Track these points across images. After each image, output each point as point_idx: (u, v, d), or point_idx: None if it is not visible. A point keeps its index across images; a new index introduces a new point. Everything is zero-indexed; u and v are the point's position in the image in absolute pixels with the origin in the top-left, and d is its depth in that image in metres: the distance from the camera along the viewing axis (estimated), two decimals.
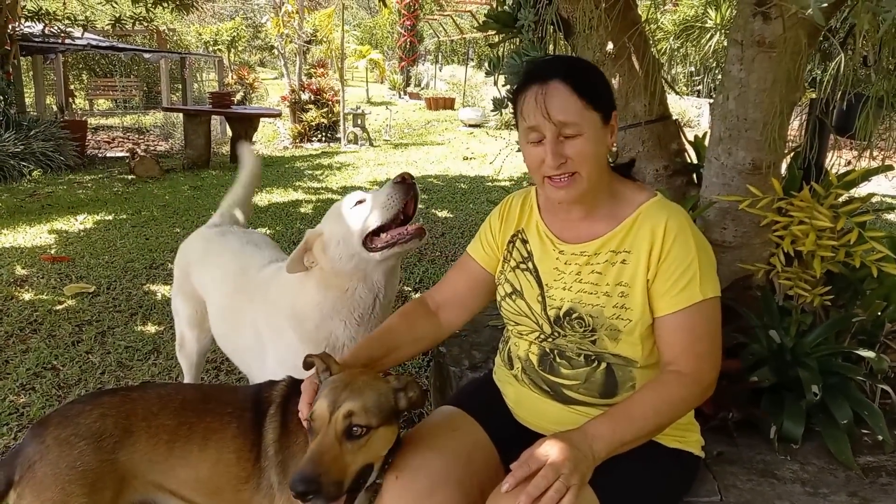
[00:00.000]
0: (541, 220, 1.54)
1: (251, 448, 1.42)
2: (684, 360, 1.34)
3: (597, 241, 1.43)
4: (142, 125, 14.40)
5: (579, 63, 1.44)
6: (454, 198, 7.02)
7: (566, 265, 1.46)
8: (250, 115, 9.86)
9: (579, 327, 1.42)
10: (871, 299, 2.12)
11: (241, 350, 2.10)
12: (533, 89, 1.35)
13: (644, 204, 1.42)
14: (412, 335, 1.59)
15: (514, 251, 1.56)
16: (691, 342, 1.35)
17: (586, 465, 1.20)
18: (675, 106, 2.61)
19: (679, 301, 1.35)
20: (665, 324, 1.37)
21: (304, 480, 1.13)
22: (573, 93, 1.32)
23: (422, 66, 24.16)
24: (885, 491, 1.68)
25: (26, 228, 5.51)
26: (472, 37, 19.71)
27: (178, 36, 20.32)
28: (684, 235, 1.36)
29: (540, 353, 1.49)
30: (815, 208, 1.95)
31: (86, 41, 11.57)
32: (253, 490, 1.41)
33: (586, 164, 1.34)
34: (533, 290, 1.50)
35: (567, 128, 1.32)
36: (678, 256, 1.35)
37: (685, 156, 2.64)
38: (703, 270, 1.35)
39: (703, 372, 1.35)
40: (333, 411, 1.22)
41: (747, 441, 1.89)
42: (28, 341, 3.33)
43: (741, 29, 2.01)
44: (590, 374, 1.44)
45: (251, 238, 2.30)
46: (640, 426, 1.29)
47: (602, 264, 1.41)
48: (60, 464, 1.29)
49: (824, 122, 2.25)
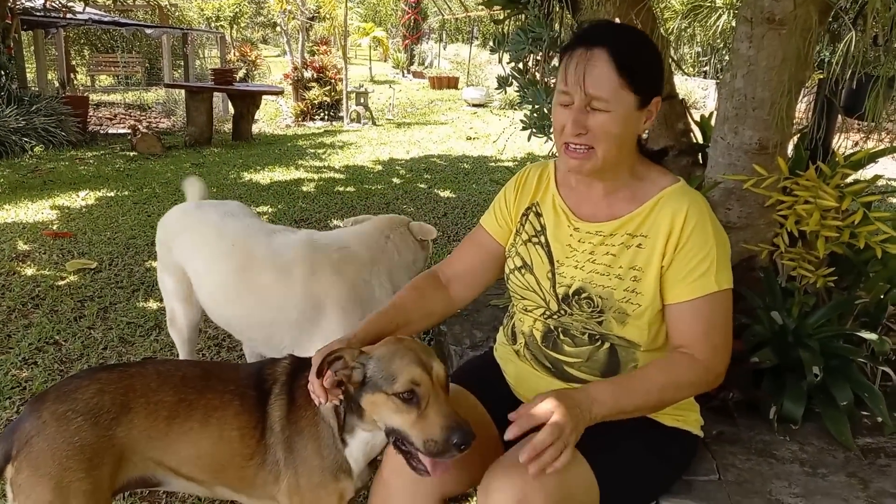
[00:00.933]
0: (557, 194, 1.51)
1: (255, 425, 1.42)
2: (699, 347, 1.33)
3: (614, 221, 1.41)
4: (143, 102, 14.30)
5: (633, 37, 1.36)
6: (457, 178, 6.99)
7: (580, 243, 1.44)
8: (252, 93, 9.78)
9: (587, 307, 1.41)
10: (874, 282, 2.11)
11: (270, 323, 2.08)
12: (577, 53, 1.30)
13: (666, 189, 1.39)
14: (423, 310, 1.57)
15: (528, 224, 1.54)
16: (706, 331, 1.34)
17: (583, 425, 1.21)
18: (681, 87, 2.58)
19: (695, 290, 1.33)
20: (678, 311, 1.36)
21: (467, 431, 1.21)
22: (613, 68, 1.27)
23: (426, 45, 23.94)
24: (884, 472, 1.69)
25: (28, 204, 5.50)
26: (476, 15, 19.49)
27: (179, 12, 20.14)
28: (703, 224, 1.34)
29: (544, 329, 1.48)
30: (820, 188, 1.93)
31: (87, 16, 11.48)
32: (258, 467, 1.41)
33: (604, 141, 1.30)
34: (543, 265, 1.48)
35: (597, 101, 1.28)
36: (696, 245, 1.33)
37: (691, 136, 2.61)
38: (719, 261, 1.34)
39: (717, 362, 1.34)
40: (430, 372, 1.27)
41: (747, 421, 1.89)
42: (30, 316, 3.34)
43: (751, 5, 1.97)
44: (593, 352, 1.43)
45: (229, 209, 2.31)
46: (642, 400, 1.29)
47: (617, 246, 1.39)
48: (58, 439, 1.29)
49: (833, 102, 2.22)
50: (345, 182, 6.75)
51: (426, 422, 1.23)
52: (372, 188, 6.44)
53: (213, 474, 1.43)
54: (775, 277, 2.14)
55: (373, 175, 7.18)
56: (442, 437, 1.21)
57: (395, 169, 7.54)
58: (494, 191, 6.10)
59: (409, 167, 7.63)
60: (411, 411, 1.24)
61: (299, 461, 1.40)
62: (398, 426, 1.27)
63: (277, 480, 1.41)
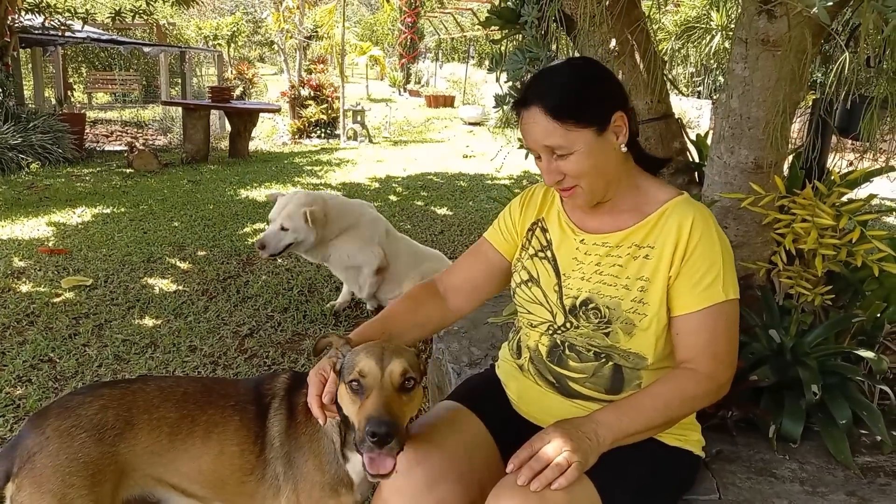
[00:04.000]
0: (562, 210, 1.53)
1: (255, 440, 1.42)
2: (701, 359, 1.33)
3: (620, 233, 1.42)
4: (140, 119, 14.35)
5: (560, 79, 1.36)
6: (454, 195, 7.01)
7: (586, 255, 1.45)
8: (249, 110, 9.82)
9: (594, 318, 1.40)
10: (870, 300, 2.12)
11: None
12: (522, 115, 1.37)
13: (671, 201, 1.41)
14: (415, 319, 1.57)
15: (534, 239, 1.55)
16: (710, 342, 1.34)
17: (589, 447, 1.21)
18: (675, 106, 2.61)
19: (702, 300, 1.34)
20: (685, 322, 1.36)
21: (383, 423, 1.18)
22: (552, 119, 1.31)
23: (422, 64, 24.13)
24: (884, 491, 1.68)
25: (24, 220, 5.49)
26: (472, 34, 19.69)
27: (177, 30, 20.26)
28: (710, 235, 1.36)
29: (550, 344, 1.48)
30: (817, 206, 1.94)
31: (85, 34, 11.51)
32: (257, 481, 1.41)
33: (584, 177, 1.35)
34: (550, 278, 1.49)
35: (557, 149, 1.33)
36: (703, 255, 1.34)
37: (687, 154, 2.63)
38: (726, 271, 1.35)
39: (720, 372, 1.34)
40: (383, 367, 1.27)
41: (746, 440, 1.89)
42: (25, 333, 3.32)
43: (746, 27, 2.00)
44: (597, 368, 1.43)
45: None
46: (648, 417, 1.28)
47: (624, 257, 1.40)
48: (61, 455, 1.28)
49: (827, 121, 2.25)
50: None
51: (362, 412, 1.23)
52: None
53: (213, 490, 1.42)
54: (772, 295, 2.15)
55: (370, 192, 7.20)
56: (362, 425, 1.20)
57: (392, 186, 7.57)
58: (491, 208, 6.13)
59: (406, 185, 7.66)
60: (356, 401, 1.26)
61: (299, 476, 1.40)
62: (347, 414, 1.28)
63: (277, 495, 1.41)
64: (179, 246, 4.87)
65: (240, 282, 4.12)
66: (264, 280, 4.15)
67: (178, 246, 4.87)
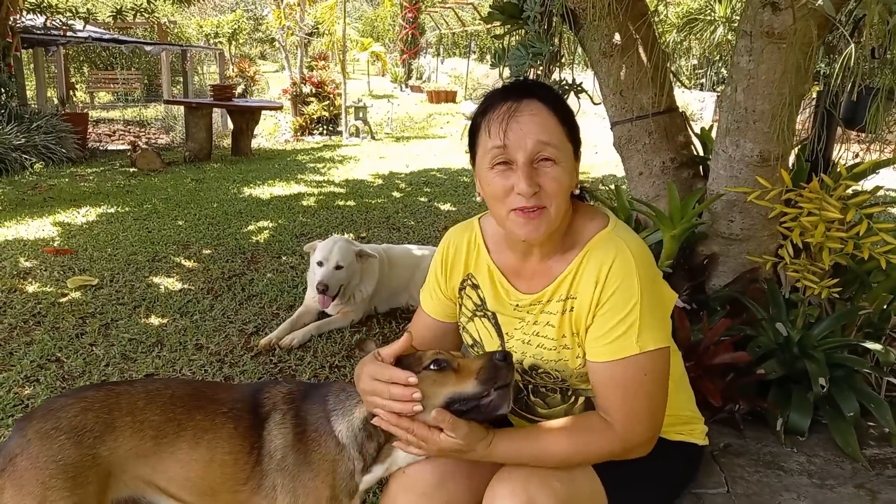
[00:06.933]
0: (491, 262, 1.41)
1: (250, 450, 1.39)
2: (617, 414, 1.24)
3: (549, 287, 1.32)
4: (143, 118, 14.36)
5: (553, 89, 1.33)
6: (457, 191, 7.01)
7: (525, 314, 1.37)
8: (251, 108, 9.83)
9: (548, 378, 1.38)
10: (877, 292, 2.12)
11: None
12: (503, 107, 1.21)
13: (594, 238, 1.29)
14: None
15: (466, 299, 1.46)
16: (623, 398, 1.23)
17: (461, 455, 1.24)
18: (678, 99, 2.60)
19: (609, 352, 1.23)
20: (595, 371, 1.27)
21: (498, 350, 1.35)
22: (553, 114, 1.21)
23: (423, 59, 24.09)
24: (892, 483, 1.69)
25: (29, 221, 5.50)
26: (474, 29, 19.65)
27: (178, 28, 20.27)
28: (628, 280, 1.22)
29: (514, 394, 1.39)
30: (824, 199, 1.94)
31: (87, 34, 11.53)
32: (252, 492, 1.38)
33: (556, 197, 1.22)
34: (493, 340, 1.42)
35: (546, 150, 1.20)
36: (618, 303, 1.22)
37: (692, 148, 2.63)
38: (643, 320, 1.21)
39: (635, 434, 1.25)
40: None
41: (754, 433, 1.89)
42: (32, 333, 3.33)
43: (750, 20, 2.00)
44: (568, 409, 1.40)
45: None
46: (544, 458, 1.25)
47: (556, 315, 1.32)
48: (41, 458, 1.28)
49: (832, 114, 2.24)
50: (345, 196, 6.76)
51: (466, 370, 1.26)
52: (372, 202, 6.45)
53: (204, 497, 1.40)
54: (779, 289, 2.15)
55: (373, 189, 7.20)
56: (486, 362, 1.25)
57: (395, 182, 7.57)
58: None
59: (409, 181, 7.65)
60: (449, 374, 1.27)
61: (301, 491, 1.37)
62: (449, 392, 1.25)
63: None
64: (184, 244, 4.88)
65: (245, 280, 4.12)
66: (269, 278, 4.16)
67: (183, 244, 4.88)
